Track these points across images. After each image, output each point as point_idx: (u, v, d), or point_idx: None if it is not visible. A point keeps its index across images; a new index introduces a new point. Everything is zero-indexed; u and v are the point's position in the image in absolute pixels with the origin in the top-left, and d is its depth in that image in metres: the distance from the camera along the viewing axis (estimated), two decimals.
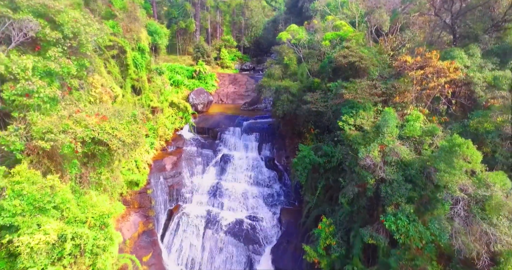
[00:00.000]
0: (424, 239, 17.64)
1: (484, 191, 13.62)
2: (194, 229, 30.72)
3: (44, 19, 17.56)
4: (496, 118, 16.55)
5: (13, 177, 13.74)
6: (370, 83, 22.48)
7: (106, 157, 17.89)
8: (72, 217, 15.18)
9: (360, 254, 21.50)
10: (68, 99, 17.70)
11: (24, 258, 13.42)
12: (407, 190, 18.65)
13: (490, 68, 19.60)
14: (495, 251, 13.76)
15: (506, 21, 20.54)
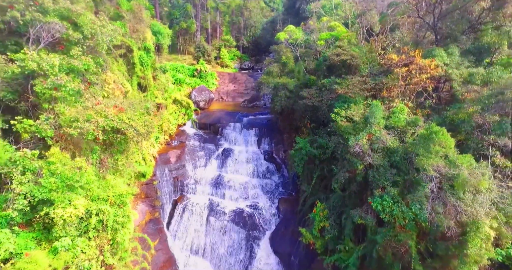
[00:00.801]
0: (406, 217, 19.76)
1: (454, 170, 15.83)
2: (197, 217, 32.81)
3: (67, 21, 19.61)
4: (468, 109, 18.78)
5: (48, 158, 15.81)
6: (360, 80, 24.69)
7: (122, 144, 19.99)
8: (96, 195, 17.27)
9: (351, 235, 23.69)
10: (88, 93, 19.76)
11: (58, 229, 15.51)
12: (392, 175, 20.81)
13: (466, 66, 21.83)
14: (462, 221, 15.97)
15: (481, 23, 22.76)
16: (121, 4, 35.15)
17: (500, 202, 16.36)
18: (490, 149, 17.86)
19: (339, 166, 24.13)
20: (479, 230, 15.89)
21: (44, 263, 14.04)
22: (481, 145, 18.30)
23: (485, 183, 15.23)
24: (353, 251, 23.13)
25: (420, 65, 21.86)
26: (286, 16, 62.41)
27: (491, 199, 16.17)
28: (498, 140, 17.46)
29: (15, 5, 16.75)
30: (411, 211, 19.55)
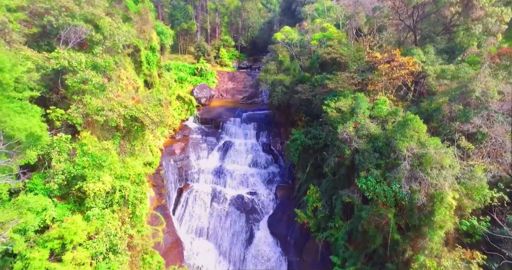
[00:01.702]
0: (387, 195, 22.70)
1: (423, 150, 18.83)
2: (201, 203, 35.63)
3: (90, 24, 22.38)
4: (439, 100, 21.79)
5: (81, 141, 18.61)
6: (349, 75, 27.70)
7: (139, 132, 22.81)
8: (119, 174, 20.09)
9: (340, 213, 26.64)
10: (110, 86, 22.53)
11: (89, 200, 18.33)
12: (375, 158, 23.76)
13: (440, 63, 24.85)
14: (430, 194, 18.98)
15: (453, 26, 25.77)
16: (129, 7, 37.70)
17: (462, 177, 19.41)
18: (456, 134, 20.88)
19: (330, 151, 27.11)
20: (443, 200, 18.91)
21: (81, 226, 16.85)
22: (449, 130, 21.33)
23: (447, 159, 18.25)
24: (342, 227, 26.10)
25: (400, 62, 24.86)
26: (282, 17, 65.35)
27: (454, 175, 19.21)
28: (462, 126, 20.49)
29: (51, 11, 19.47)
30: (391, 189, 22.56)
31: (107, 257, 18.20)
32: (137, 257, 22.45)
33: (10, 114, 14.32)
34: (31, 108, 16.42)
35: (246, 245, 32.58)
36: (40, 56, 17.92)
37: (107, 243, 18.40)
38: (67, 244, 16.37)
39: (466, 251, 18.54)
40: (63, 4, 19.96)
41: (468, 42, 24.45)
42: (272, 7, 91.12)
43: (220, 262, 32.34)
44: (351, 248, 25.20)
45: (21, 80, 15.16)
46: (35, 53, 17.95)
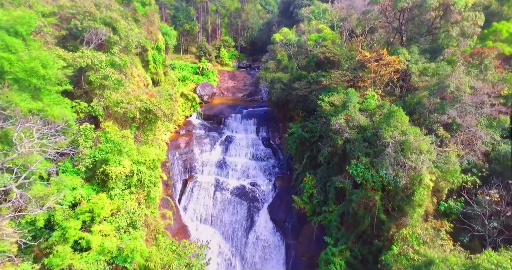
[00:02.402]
0: (375, 180, 25.42)
1: (404, 138, 21.53)
2: (205, 193, 38.22)
3: (108, 26, 24.94)
4: (420, 94, 24.50)
5: (104, 129, 21.19)
6: (341, 73, 30.39)
7: (152, 123, 25.41)
8: (136, 159, 22.67)
9: (334, 198, 29.32)
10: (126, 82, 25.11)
11: (111, 182, 20.92)
12: (365, 147, 26.46)
13: (423, 62, 27.56)
14: (411, 177, 21.67)
15: (435, 28, 28.50)
16: (137, 9, 40.20)
17: (438, 161, 22.12)
18: (435, 124, 23.60)
19: (324, 142, 29.80)
20: (422, 182, 21.63)
21: (106, 203, 19.44)
22: (428, 121, 24.05)
23: (424, 145, 20.95)
24: (335, 211, 28.80)
25: (387, 61, 27.57)
26: (281, 19, 68.00)
27: (431, 159, 21.91)
28: (440, 117, 23.20)
29: (77, 16, 22.02)
30: (378, 175, 25.27)
31: (127, 231, 20.77)
32: (150, 236, 25.04)
33: (50, 104, 16.90)
34: (63, 101, 19.02)
35: (247, 230, 35.21)
36: (70, 55, 20.48)
37: (127, 219, 20.98)
38: (96, 217, 18.97)
39: (436, 221, 21.22)
40: (87, 9, 22.54)
41: (447, 43, 27.15)
42: (270, 9, 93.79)
43: (224, 245, 34.94)
44: (343, 229, 27.88)
45: (56, 76, 17.70)
46: (66, 52, 20.50)
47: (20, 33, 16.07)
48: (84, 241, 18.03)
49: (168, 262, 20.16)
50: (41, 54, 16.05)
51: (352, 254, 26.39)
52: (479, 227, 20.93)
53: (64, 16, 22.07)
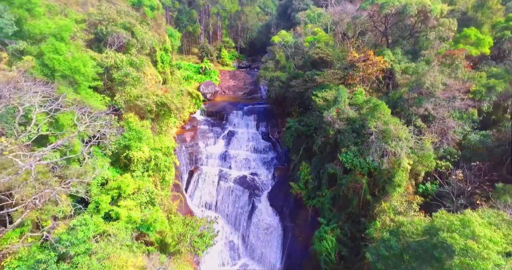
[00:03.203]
0: (362, 166, 28.87)
1: (385, 127, 25.01)
2: (210, 182, 41.61)
3: (127, 30, 28.34)
4: (401, 90, 28.01)
5: (127, 119, 24.57)
6: (333, 72, 33.86)
7: (166, 115, 28.80)
8: (153, 146, 26.08)
9: (326, 183, 32.73)
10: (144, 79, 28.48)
11: (133, 165, 24.32)
12: (353, 137, 29.88)
13: (405, 62, 31.07)
14: (391, 160, 25.16)
15: (416, 32, 32.05)
16: (147, 13, 43.57)
17: (415, 148, 25.63)
18: (413, 116, 27.12)
19: (317, 133, 33.24)
20: (401, 165, 25.12)
21: (130, 182, 22.82)
22: (408, 113, 27.57)
23: (402, 133, 24.45)
24: (327, 194, 32.20)
25: (373, 61, 31.04)
26: (279, 21, 71.47)
27: (409, 146, 25.39)
28: (417, 110, 26.72)
29: (102, 22, 25.41)
30: (365, 161, 28.74)
31: (147, 207, 24.16)
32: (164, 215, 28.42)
33: (86, 97, 20.31)
34: (94, 95, 22.41)
35: (249, 215, 38.61)
36: (99, 56, 23.84)
37: (146, 197, 24.37)
38: (122, 194, 22.36)
39: (409, 195, 24.74)
40: (111, 16, 25.93)
41: (426, 45, 30.63)
42: (269, 10, 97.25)
43: (227, 229, 38.35)
44: (335, 210, 31.34)
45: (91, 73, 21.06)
46: (95, 54, 23.88)
47: (64, 38, 19.43)
48: (113, 213, 21.41)
49: (183, 232, 23.52)
50: (81, 55, 19.42)
51: (342, 232, 29.83)
52: (449, 204, 24.41)
53: (92, 22, 25.46)
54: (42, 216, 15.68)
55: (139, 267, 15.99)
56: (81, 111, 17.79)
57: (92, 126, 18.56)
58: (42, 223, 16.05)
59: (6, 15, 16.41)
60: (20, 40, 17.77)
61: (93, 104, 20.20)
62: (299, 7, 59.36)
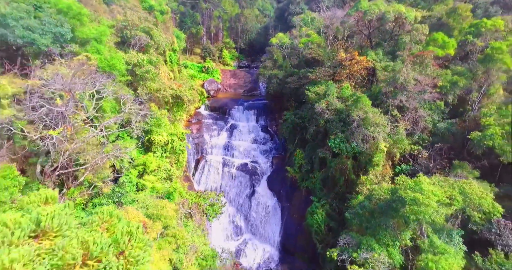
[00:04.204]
0: (348, 150, 33.72)
1: (365, 115, 29.88)
2: (215, 169, 46.36)
3: (146, 33, 33.11)
4: (380, 85, 32.91)
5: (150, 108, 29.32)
6: (324, 69, 38.73)
7: (180, 106, 33.60)
8: (170, 132, 30.87)
9: (318, 166, 37.57)
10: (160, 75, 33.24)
11: (154, 147, 29.08)
12: (340, 126, 34.73)
13: (385, 61, 35.98)
14: (370, 143, 30.01)
15: (395, 35, 36.98)
16: (157, 17, 48.34)
17: (390, 133, 30.52)
18: (390, 107, 32.02)
19: (310, 123, 38.09)
20: (378, 148, 30.00)
21: (153, 160, 27.58)
22: (386, 105, 32.47)
23: (379, 119, 29.31)
24: (318, 176, 37.07)
25: (358, 60, 35.95)
26: (277, 23, 76.35)
27: (385, 132, 30.27)
28: (393, 101, 31.62)
29: (127, 27, 30.20)
30: (350, 146, 33.60)
31: (166, 182, 28.93)
32: None
33: (120, 88, 25.06)
34: (125, 88, 27.16)
35: (250, 197, 43.43)
36: (126, 56, 28.62)
37: (165, 174, 29.12)
38: (146, 169, 27.13)
39: (384, 170, 29.63)
40: (134, 22, 30.70)
41: (403, 47, 35.53)
42: (267, 13, 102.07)
43: (231, 210, 43.11)
44: (325, 190, 36.19)
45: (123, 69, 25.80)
46: (123, 53, 28.65)
47: (102, 41, 24.18)
48: (140, 184, 26.17)
49: (197, 201, 28.28)
50: (117, 55, 24.18)
51: (331, 207, 34.67)
52: None
53: (119, 27, 30.21)
54: (95, 178, 20.37)
55: (174, 209, 20.75)
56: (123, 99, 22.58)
57: (134, 109, 23.33)
58: (97, 182, 20.74)
59: (65, 24, 20.92)
60: (73, 43, 22.38)
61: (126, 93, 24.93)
62: (295, 11, 64.33)
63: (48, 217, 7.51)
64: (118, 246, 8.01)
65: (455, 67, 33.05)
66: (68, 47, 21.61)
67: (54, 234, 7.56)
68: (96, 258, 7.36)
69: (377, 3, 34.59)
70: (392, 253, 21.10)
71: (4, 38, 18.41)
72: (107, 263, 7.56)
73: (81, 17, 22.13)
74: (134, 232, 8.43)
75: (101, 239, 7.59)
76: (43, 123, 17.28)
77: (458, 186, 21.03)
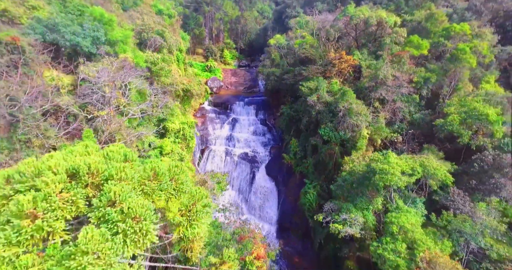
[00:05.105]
0: (336, 137, 38.61)
1: (350, 106, 34.80)
2: (218, 158, 51.21)
3: (160, 35, 37.97)
4: (364, 80, 37.84)
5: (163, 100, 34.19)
6: (316, 67, 43.66)
7: (189, 99, 38.45)
8: (181, 120, 35.75)
9: (310, 153, 42.50)
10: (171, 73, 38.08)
11: (168, 133, 33.93)
12: (330, 116, 39.64)
13: (369, 60, 40.90)
14: (355, 130, 34.92)
15: (378, 37, 41.94)
16: (165, 20, 53.22)
17: (372, 122, 35.45)
18: (372, 99, 36.97)
19: (303, 114, 43.00)
20: (361, 134, 34.91)
21: (168, 144, 32.43)
22: (368, 97, 37.40)
23: (362, 110, 34.21)
24: (311, 161, 41.98)
25: (345, 59, 40.90)
26: (274, 25, 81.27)
27: (367, 120, 35.17)
28: (375, 95, 36.56)
29: (145, 30, 35.01)
30: (338, 134, 38.52)
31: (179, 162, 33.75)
32: None
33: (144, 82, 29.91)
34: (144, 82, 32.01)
35: (250, 182, 48.31)
36: (145, 55, 33.48)
37: (178, 157, 33.98)
38: (162, 151, 31.96)
39: (365, 152, 34.56)
40: (150, 26, 35.57)
41: (385, 48, 40.48)
42: (266, 15, 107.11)
43: (233, 193, 47.98)
44: (316, 173, 41.11)
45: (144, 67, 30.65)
46: (142, 53, 33.49)
47: (127, 42, 29.00)
48: None
49: (205, 180, 33.14)
50: (139, 54, 29.03)
51: (321, 188, 39.58)
52: None
53: (137, 30, 35.07)
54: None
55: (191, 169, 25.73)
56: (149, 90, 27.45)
57: (158, 97, 28.20)
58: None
59: (100, 30, 25.72)
60: (105, 45, 27.15)
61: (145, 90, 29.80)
62: (292, 14, 69.33)
63: (131, 153, 12.42)
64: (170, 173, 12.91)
65: (429, 65, 38.02)
66: (102, 48, 26.35)
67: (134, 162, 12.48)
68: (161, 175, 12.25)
69: (361, 9, 39.56)
70: (366, 215, 26.05)
71: (55, 42, 23.11)
72: (164, 181, 12.45)
73: (111, 23, 26.89)
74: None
75: (163, 165, 12.49)
76: (96, 106, 22.09)
77: (419, 160, 26.01)
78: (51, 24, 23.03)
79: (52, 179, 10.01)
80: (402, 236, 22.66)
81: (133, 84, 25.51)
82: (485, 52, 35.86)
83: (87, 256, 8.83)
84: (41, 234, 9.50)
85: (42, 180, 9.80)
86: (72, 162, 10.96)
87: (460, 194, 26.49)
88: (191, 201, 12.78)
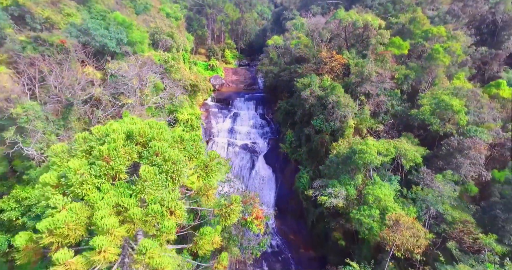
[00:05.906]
0: (327, 127, 43.34)
1: (337, 99, 39.52)
2: (221, 148, 55.90)
3: (170, 37, 42.68)
4: (351, 77, 42.59)
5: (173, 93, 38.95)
6: (309, 65, 48.42)
7: (196, 93, 43.20)
8: (189, 112, 40.48)
9: (304, 142, 47.23)
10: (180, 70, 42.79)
11: (178, 124, 38.67)
12: (321, 109, 44.38)
13: (357, 59, 45.61)
14: (342, 120, 39.63)
15: (365, 38, 46.67)
16: (172, 23, 57.92)
17: (357, 113, 40.18)
18: (358, 93, 41.72)
19: (298, 107, 47.73)
20: (348, 124, 39.64)
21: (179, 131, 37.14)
22: (355, 92, 42.15)
23: (349, 102, 38.92)
24: (304, 149, 46.72)
25: (335, 58, 45.66)
26: (273, 26, 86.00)
27: (354, 112, 39.89)
28: (361, 89, 41.31)
29: (157, 32, 39.67)
30: (329, 124, 43.27)
31: None
32: None
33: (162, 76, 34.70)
34: None
35: (250, 170, 53.05)
36: (158, 53, 38.18)
37: None
38: None
39: (350, 139, 39.33)
40: (162, 28, 40.28)
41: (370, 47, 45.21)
42: (265, 16, 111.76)
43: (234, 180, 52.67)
44: (309, 160, 45.87)
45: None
46: (157, 52, 38.17)
47: (144, 43, 33.68)
48: None
49: None
50: (155, 53, 33.72)
51: (314, 173, 44.29)
52: None
53: (151, 32, 39.77)
54: None
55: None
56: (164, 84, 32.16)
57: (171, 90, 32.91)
58: None
59: (123, 32, 30.38)
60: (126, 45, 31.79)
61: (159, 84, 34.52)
62: (289, 16, 74.14)
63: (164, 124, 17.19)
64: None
65: (409, 63, 42.79)
66: (124, 48, 30.98)
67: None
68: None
69: (350, 13, 44.31)
70: (349, 189, 30.81)
71: (87, 43, 27.80)
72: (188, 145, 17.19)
73: (131, 26, 31.49)
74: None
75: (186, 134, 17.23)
76: (126, 95, 26.79)
77: (393, 143, 30.79)
78: (84, 28, 27.70)
79: (117, 137, 14.77)
80: (377, 204, 27.44)
81: (152, 78, 30.19)
82: (458, 52, 40.60)
83: (146, 182, 13.65)
84: (112, 173, 14.30)
85: (111, 137, 14.55)
86: (127, 127, 15.70)
87: (428, 173, 31.24)
88: (207, 159, 17.54)
